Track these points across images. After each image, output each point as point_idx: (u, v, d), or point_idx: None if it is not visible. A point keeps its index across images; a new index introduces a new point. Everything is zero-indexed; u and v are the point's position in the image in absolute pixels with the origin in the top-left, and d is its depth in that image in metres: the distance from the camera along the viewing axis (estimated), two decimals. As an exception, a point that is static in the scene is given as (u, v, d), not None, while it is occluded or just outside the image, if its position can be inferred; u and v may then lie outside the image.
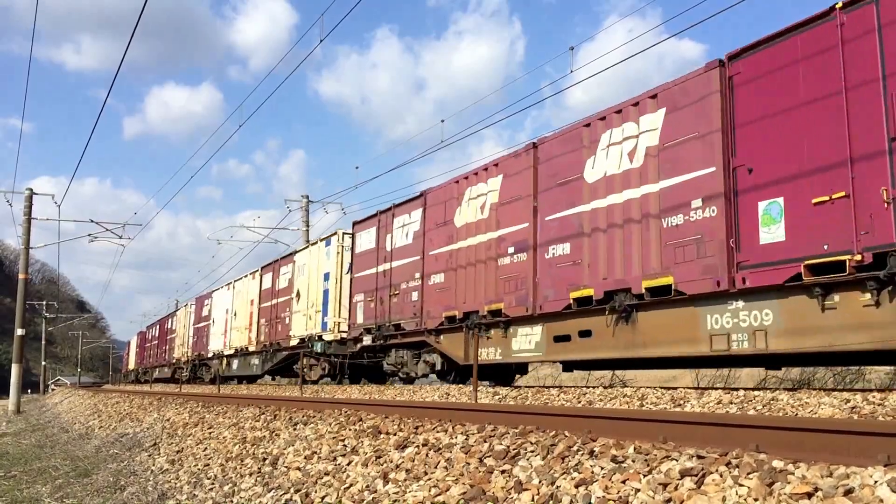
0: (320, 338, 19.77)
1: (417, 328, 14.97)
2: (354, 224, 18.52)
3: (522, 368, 15.12)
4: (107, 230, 31.24)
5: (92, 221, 31.24)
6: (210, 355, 31.58)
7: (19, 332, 27.99)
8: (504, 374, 14.89)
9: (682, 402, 7.54)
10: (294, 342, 21.83)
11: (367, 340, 17.13)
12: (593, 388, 11.13)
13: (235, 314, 28.72)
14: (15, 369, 27.74)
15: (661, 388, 10.08)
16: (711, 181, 8.93)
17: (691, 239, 9.15)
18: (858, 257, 7.33)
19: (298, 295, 21.92)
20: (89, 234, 31.43)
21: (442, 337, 14.26)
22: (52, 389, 76.42)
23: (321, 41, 11.78)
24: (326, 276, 20.18)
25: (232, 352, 28.36)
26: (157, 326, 48.32)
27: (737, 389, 8.73)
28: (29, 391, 66.38)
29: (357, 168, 45.55)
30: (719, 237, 8.78)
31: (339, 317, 19.22)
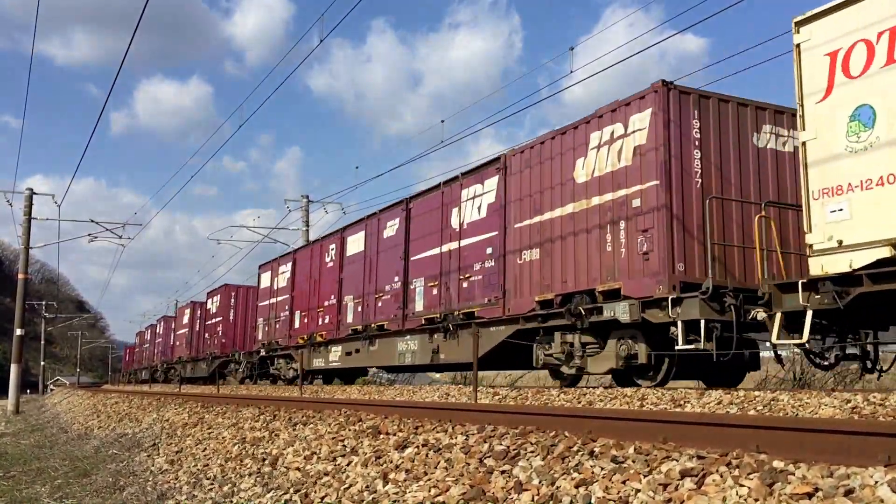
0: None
1: None
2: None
3: None
4: (106, 230, 31.26)
5: (92, 221, 31.27)
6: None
7: (19, 332, 27.98)
8: None
9: (682, 402, 7.54)
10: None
11: None
12: (593, 388, 11.13)
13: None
14: (14, 369, 27.72)
15: (661, 388, 10.07)
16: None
17: None
18: None
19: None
20: (89, 234, 31.45)
21: None
22: (52, 389, 76.40)
23: (321, 41, 11.74)
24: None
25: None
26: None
27: (737, 390, 8.73)
28: (28, 391, 66.35)
29: (357, 168, 45.75)
30: None
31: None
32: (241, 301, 30.82)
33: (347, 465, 5.76)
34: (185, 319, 38.72)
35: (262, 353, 24.94)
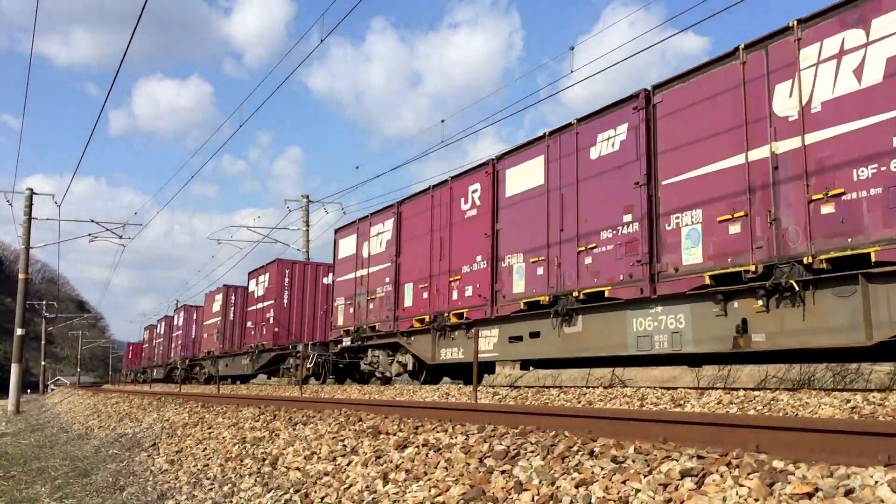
0: None
1: None
2: None
3: None
4: (107, 230, 31.25)
5: (92, 221, 31.28)
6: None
7: (19, 332, 28.00)
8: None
9: (682, 402, 7.53)
10: None
11: None
12: (593, 388, 11.13)
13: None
14: (14, 369, 27.73)
15: (661, 388, 10.08)
16: None
17: None
18: None
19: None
20: (89, 234, 31.45)
21: None
22: (52, 389, 76.44)
23: (322, 41, 11.74)
24: None
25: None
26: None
27: (737, 389, 8.73)
28: (28, 391, 66.42)
29: (356, 168, 45.83)
30: None
31: None
32: (298, 279, 24.94)
33: (347, 465, 5.76)
34: (216, 307, 31.46)
35: (347, 342, 18.30)
